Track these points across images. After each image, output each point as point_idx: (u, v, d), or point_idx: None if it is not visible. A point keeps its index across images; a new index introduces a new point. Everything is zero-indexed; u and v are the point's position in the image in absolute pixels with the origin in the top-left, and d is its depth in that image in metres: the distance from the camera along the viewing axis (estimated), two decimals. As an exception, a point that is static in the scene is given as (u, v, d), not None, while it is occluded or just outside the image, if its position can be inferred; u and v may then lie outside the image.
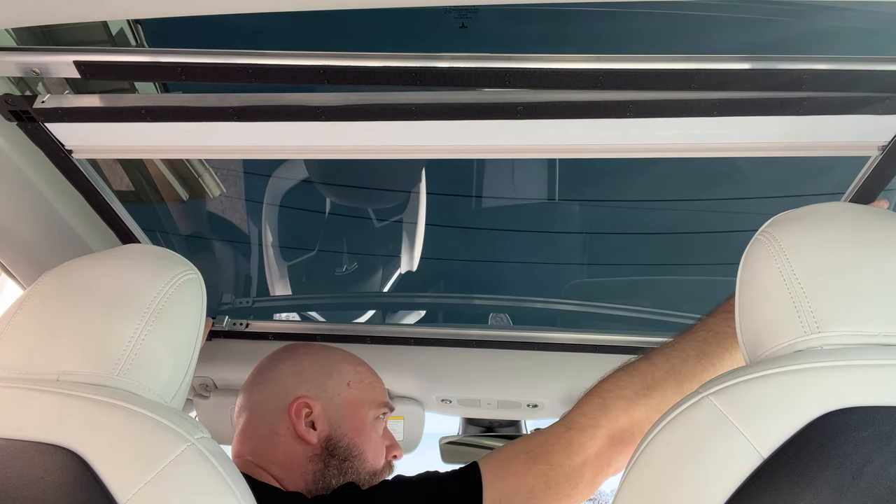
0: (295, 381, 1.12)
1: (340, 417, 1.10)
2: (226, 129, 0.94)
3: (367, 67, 0.81)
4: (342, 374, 1.15)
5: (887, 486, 0.53)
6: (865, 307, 0.67)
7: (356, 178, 1.59)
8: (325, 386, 1.12)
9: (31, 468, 0.61)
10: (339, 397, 1.12)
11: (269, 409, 1.10)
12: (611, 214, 1.54)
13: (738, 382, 0.64)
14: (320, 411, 1.09)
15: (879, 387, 0.59)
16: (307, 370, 1.14)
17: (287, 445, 1.06)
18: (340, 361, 1.18)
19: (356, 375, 1.16)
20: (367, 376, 1.18)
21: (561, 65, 0.80)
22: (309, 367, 1.15)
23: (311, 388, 1.11)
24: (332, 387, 1.12)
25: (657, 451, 0.65)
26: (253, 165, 1.58)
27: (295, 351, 1.20)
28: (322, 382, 1.12)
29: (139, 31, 1.14)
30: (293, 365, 1.16)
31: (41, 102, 0.90)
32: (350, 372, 1.16)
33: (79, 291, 0.78)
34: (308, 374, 1.13)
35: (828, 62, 0.78)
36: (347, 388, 1.13)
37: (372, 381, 1.18)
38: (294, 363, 1.16)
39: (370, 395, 1.15)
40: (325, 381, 1.12)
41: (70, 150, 0.98)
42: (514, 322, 1.70)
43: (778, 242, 0.76)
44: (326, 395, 1.11)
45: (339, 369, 1.15)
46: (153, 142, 0.98)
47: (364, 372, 1.19)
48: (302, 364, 1.16)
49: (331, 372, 1.14)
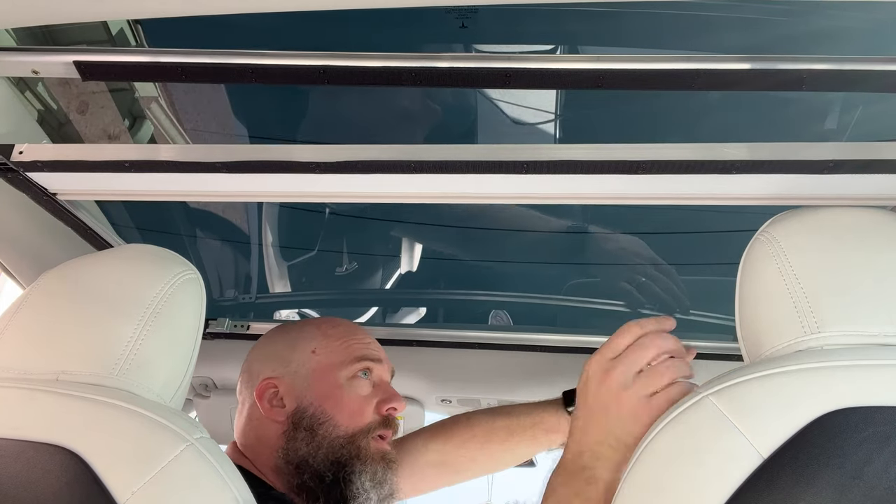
0: (261, 365, 1.12)
1: (306, 388, 1.07)
2: (215, 176, 0.89)
3: (367, 67, 0.81)
4: (307, 342, 1.12)
5: (887, 486, 0.53)
6: (865, 307, 0.67)
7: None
8: (289, 360, 1.10)
9: (31, 468, 0.61)
10: (304, 367, 1.09)
11: (246, 399, 1.12)
12: (611, 214, 1.54)
13: (738, 382, 0.64)
14: (287, 387, 1.07)
15: (879, 387, 0.59)
16: (274, 350, 1.13)
17: (260, 429, 1.07)
18: (307, 329, 1.15)
19: (323, 340, 1.12)
20: (337, 337, 1.13)
21: (561, 65, 0.80)
22: (275, 345, 1.14)
23: (276, 366, 1.10)
24: (297, 359, 1.10)
25: (657, 451, 0.65)
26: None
27: (268, 334, 1.19)
28: (286, 358, 1.11)
29: (139, 31, 1.14)
30: (261, 349, 1.16)
31: (19, 154, 0.86)
32: (317, 338, 1.13)
33: (78, 291, 0.78)
34: (274, 354, 1.12)
35: (828, 62, 0.78)
36: (313, 356, 1.10)
37: (345, 340, 1.13)
38: (262, 347, 1.16)
39: (340, 356, 1.10)
40: (289, 356, 1.11)
41: (54, 194, 0.96)
42: (515, 320, 1.70)
43: (778, 242, 0.76)
44: (291, 369, 1.09)
45: (303, 339, 1.13)
46: (139, 186, 0.93)
47: (335, 333, 1.14)
48: (269, 346, 1.15)
49: (295, 345, 1.12)
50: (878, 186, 0.80)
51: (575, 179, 0.83)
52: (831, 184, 0.80)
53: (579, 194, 0.90)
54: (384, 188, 0.90)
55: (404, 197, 0.93)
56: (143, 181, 0.90)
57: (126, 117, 1.31)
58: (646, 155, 0.78)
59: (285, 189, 0.92)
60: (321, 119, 1.39)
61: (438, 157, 0.81)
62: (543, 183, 0.85)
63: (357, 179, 0.86)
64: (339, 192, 0.92)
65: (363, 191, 0.91)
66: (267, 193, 0.99)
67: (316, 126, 1.39)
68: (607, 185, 0.85)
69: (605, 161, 0.79)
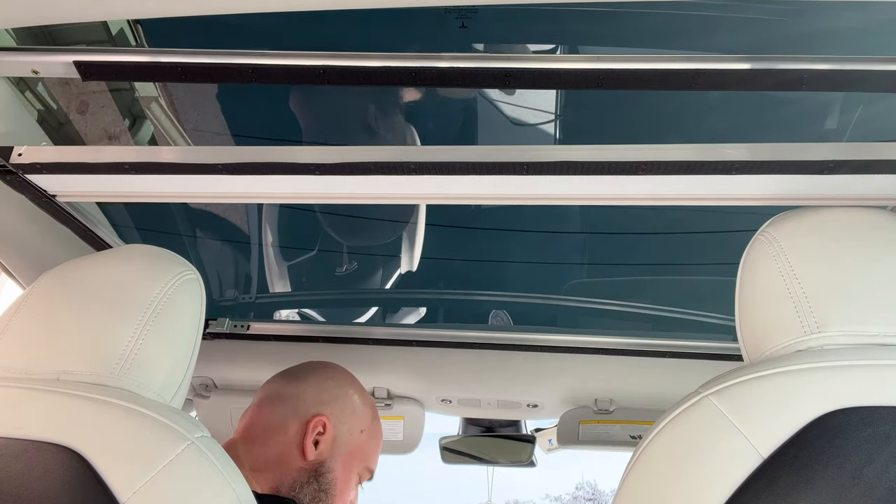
0: (329, 399, 1.18)
1: (339, 453, 1.14)
2: (214, 178, 0.89)
3: (367, 67, 0.81)
4: (363, 419, 1.21)
5: (887, 486, 0.53)
6: (865, 307, 0.67)
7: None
8: (346, 420, 1.17)
9: (32, 467, 0.61)
10: (349, 437, 1.17)
11: (293, 408, 1.14)
12: (611, 214, 1.54)
13: (738, 382, 0.64)
14: (330, 437, 1.13)
15: (879, 387, 0.59)
16: (342, 397, 1.20)
17: (286, 446, 1.10)
18: (368, 408, 1.24)
19: (371, 430, 1.22)
20: (377, 437, 1.24)
21: (561, 65, 0.80)
22: (346, 395, 1.21)
23: (336, 413, 1.16)
24: (351, 424, 1.17)
25: (657, 451, 0.65)
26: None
27: (343, 374, 1.26)
28: (347, 415, 1.18)
29: (139, 31, 1.14)
30: (335, 387, 1.21)
31: (17, 156, 0.86)
32: (369, 423, 1.22)
33: (78, 291, 0.78)
34: (341, 401, 1.19)
35: (828, 62, 0.78)
36: (360, 435, 1.18)
37: (378, 446, 1.24)
38: (336, 385, 1.22)
39: (368, 453, 1.20)
40: (349, 416, 1.18)
41: (54, 195, 0.96)
42: (515, 320, 1.70)
43: (778, 242, 0.76)
44: (342, 428, 1.16)
45: (363, 414, 1.21)
46: (139, 188, 0.93)
47: (377, 432, 1.25)
48: (342, 390, 1.21)
49: (355, 411, 1.20)
50: (878, 186, 0.80)
51: (575, 180, 0.83)
52: (831, 184, 0.80)
53: (579, 195, 0.90)
54: (384, 189, 0.90)
55: (404, 198, 0.93)
56: (142, 183, 0.90)
57: (126, 117, 1.31)
58: (646, 155, 0.78)
59: (285, 190, 0.92)
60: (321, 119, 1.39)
61: (438, 159, 0.81)
62: (543, 184, 0.85)
63: (357, 181, 0.86)
64: (340, 193, 0.92)
65: (363, 192, 0.91)
66: (267, 195, 0.99)
67: (316, 126, 1.39)
68: (607, 185, 0.85)
69: (605, 162, 0.79)
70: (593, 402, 1.58)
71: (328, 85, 0.83)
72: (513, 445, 1.90)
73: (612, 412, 1.57)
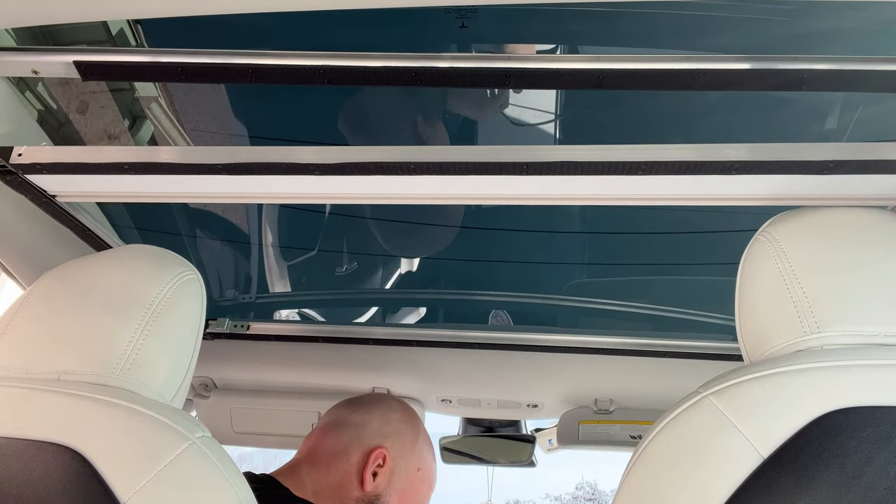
0: (392, 432, 1.22)
1: (395, 488, 1.18)
2: (214, 178, 0.89)
3: (367, 67, 0.81)
4: (421, 459, 1.25)
5: (887, 486, 0.53)
6: (865, 307, 0.67)
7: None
8: (406, 456, 1.21)
9: (33, 467, 0.61)
10: (407, 474, 1.20)
11: (357, 437, 1.19)
12: (611, 214, 1.54)
13: (738, 382, 0.64)
14: (388, 471, 1.17)
15: (879, 387, 0.59)
16: (405, 433, 1.24)
17: (346, 474, 1.14)
18: (427, 448, 1.28)
19: (427, 469, 1.26)
20: (432, 482, 1.28)
21: (561, 65, 0.80)
22: (408, 432, 1.25)
23: (398, 447, 1.20)
24: (410, 461, 1.21)
25: (657, 451, 0.65)
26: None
27: (407, 410, 1.30)
28: (407, 452, 1.22)
29: (139, 31, 1.14)
30: (401, 420, 1.26)
31: (17, 156, 0.86)
32: (427, 461, 1.26)
33: (79, 291, 0.78)
34: (403, 436, 1.23)
35: (828, 62, 0.78)
36: (416, 473, 1.22)
37: (430, 488, 1.28)
38: (402, 418, 1.26)
39: (422, 495, 1.24)
40: (409, 453, 1.22)
41: (54, 196, 0.96)
42: (515, 320, 1.70)
43: (778, 242, 0.76)
44: (401, 463, 1.20)
45: (422, 453, 1.25)
46: (139, 188, 0.93)
47: (433, 474, 1.29)
48: (406, 426, 1.25)
49: (414, 448, 1.24)
50: (878, 186, 0.80)
51: (575, 180, 0.83)
52: (831, 184, 0.80)
53: (579, 195, 0.90)
54: (384, 189, 0.90)
55: (404, 198, 0.93)
56: (142, 183, 0.90)
57: (126, 117, 1.30)
58: (646, 155, 0.78)
59: (285, 190, 0.92)
60: (321, 119, 1.39)
61: (438, 159, 0.81)
62: (543, 184, 0.85)
63: (357, 181, 0.86)
64: (340, 193, 0.92)
65: (363, 192, 0.91)
66: (267, 195, 0.99)
67: (316, 126, 1.39)
68: (607, 185, 0.85)
69: (605, 162, 0.79)
70: (593, 402, 1.58)
71: (328, 85, 0.83)
72: (513, 445, 1.90)
73: (612, 412, 1.57)
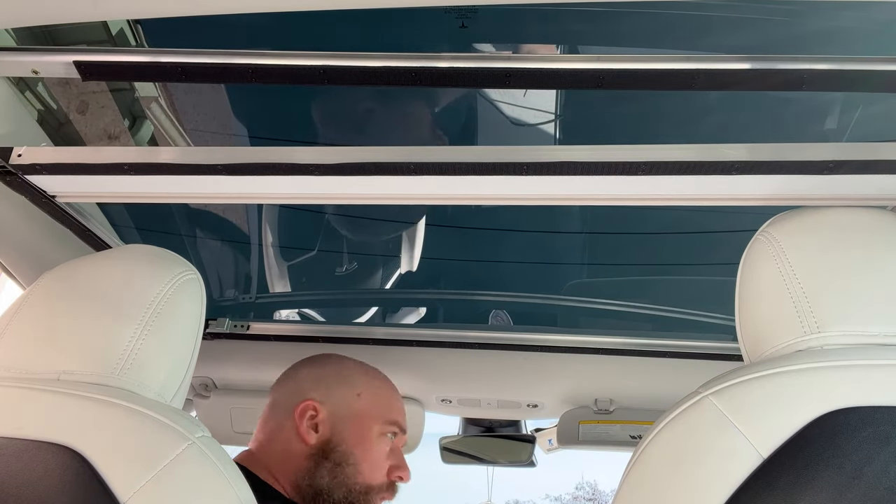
0: (309, 385, 1.19)
1: (343, 425, 1.14)
2: (214, 178, 0.88)
3: (367, 67, 0.81)
4: (355, 384, 1.20)
5: (887, 486, 0.53)
6: (865, 307, 0.67)
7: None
8: (334, 392, 1.18)
9: (32, 467, 0.61)
10: (346, 405, 1.17)
11: (281, 407, 1.17)
12: (611, 214, 1.54)
13: (738, 382, 0.64)
14: (326, 416, 1.14)
15: (879, 387, 0.59)
16: (324, 377, 1.20)
17: (287, 442, 1.12)
18: (357, 373, 1.23)
19: (369, 388, 1.21)
20: (382, 392, 1.23)
21: (561, 65, 0.80)
22: (327, 373, 1.21)
23: (322, 393, 1.17)
24: (342, 395, 1.18)
25: (657, 451, 0.65)
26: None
27: (320, 359, 1.26)
28: (333, 389, 1.18)
29: (139, 31, 1.14)
30: (313, 370, 1.22)
31: (17, 157, 0.86)
32: (363, 384, 1.21)
33: (79, 291, 0.78)
34: (323, 381, 1.19)
35: (828, 62, 0.78)
36: (357, 398, 1.18)
37: (387, 399, 1.23)
38: (315, 369, 1.23)
39: (380, 411, 1.19)
40: (335, 388, 1.18)
41: (54, 196, 0.96)
42: (515, 320, 1.70)
43: (778, 242, 0.76)
44: (334, 401, 1.16)
45: (353, 380, 1.21)
46: (139, 189, 0.93)
47: (380, 387, 1.24)
48: (321, 371, 1.22)
49: (343, 380, 1.20)
50: (878, 186, 0.80)
51: (575, 180, 0.83)
52: (831, 184, 0.80)
53: (579, 195, 0.90)
54: (384, 190, 0.90)
55: (404, 198, 0.93)
56: (142, 183, 0.90)
57: (126, 117, 1.30)
58: (646, 156, 0.78)
59: (285, 191, 0.92)
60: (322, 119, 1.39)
61: (438, 159, 0.81)
62: (543, 184, 0.85)
63: (357, 181, 0.86)
64: (340, 193, 0.92)
65: (363, 192, 0.91)
66: (267, 195, 0.99)
67: (317, 126, 1.39)
68: (607, 186, 0.85)
69: (605, 162, 0.79)
70: (593, 402, 1.58)
71: (328, 85, 0.83)
72: (513, 445, 1.90)
73: (612, 412, 1.58)
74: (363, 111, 1.37)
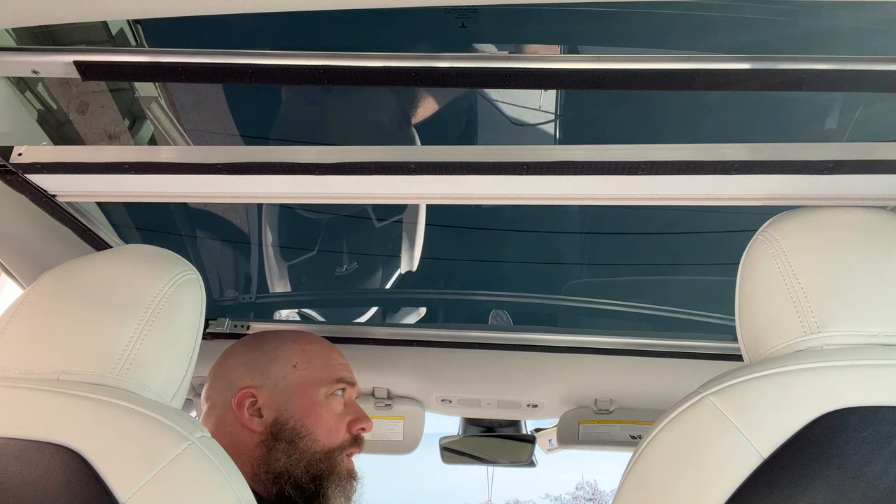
0: (240, 373, 1.14)
1: (287, 401, 1.11)
2: (214, 178, 0.88)
3: (367, 67, 0.81)
4: (287, 357, 1.16)
5: (887, 485, 0.53)
6: (866, 307, 0.67)
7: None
8: (269, 372, 1.14)
9: (32, 467, 0.61)
10: (285, 381, 1.13)
11: (218, 404, 1.13)
12: (611, 214, 1.54)
13: (738, 382, 0.64)
14: (266, 398, 1.11)
15: (879, 387, 0.59)
16: (253, 360, 1.16)
17: (233, 435, 1.09)
18: (286, 343, 1.19)
19: (303, 356, 1.17)
20: (317, 355, 1.18)
21: (561, 65, 0.80)
22: (255, 356, 1.17)
23: (256, 377, 1.13)
24: (277, 371, 1.14)
25: (657, 451, 0.65)
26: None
27: (245, 343, 1.22)
28: (266, 369, 1.14)
29: (139, 31, 1.14)
30: (240, 357, 1.18)
31: (18, 156, 0.86)
32: (296, 353, 1.17)
33: (78, 291, 0.78)
34: (253, 364, 1.15)
35: (828, 62, 0.78)
36: (293, 371, 1.14)
37: (324, 359, 1.18)
38: (241, 355, 1.18)
39: (320, 374, 1.15)
40: (269, 368, 1.14)
41: (54, 195, 0.95)
42: (515, 320, 1.70)
43: (778, 242, 0.76)
44: (270, 381, 1.13)
45: (283, 353, 1.17)
46: (139, 188, 0.93)
47: (314, 351, 1.19)
48: (249, 355, 1.17)
49: (275, 357, 1.16)
50: (878, 186, 0.80)
51: (575, 180, 0.83)
52: (831, 184, 0.80)
53: (579, 195, 0.90)
54: (384, 189, 0.90)
55: (404, 198, 0.93)
56: (142, 182, 0.90)
57: (126, 117, 1.31)
58: (646, 155, 0.78)
59: (285, 190, 0.92)
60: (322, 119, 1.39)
61: (438, 159, 0.81)
62: (543, 184, 0.85)
63: (357, 181, 0.86)
64: (340, 193, 0.92)
65: (363, 192, 0.91)
66: (267, 195, 0.99)
67: (316, 126, 1.39)
68: (607, 185, 0.85)
69: (605, 162, 0.79)
70: (593, 402, 1.58)
71: (328, 85, 0.83)
72: (513, 445, 1.90)
73: (612, 412, 1.58)
74: (363, 111, 1.37)
